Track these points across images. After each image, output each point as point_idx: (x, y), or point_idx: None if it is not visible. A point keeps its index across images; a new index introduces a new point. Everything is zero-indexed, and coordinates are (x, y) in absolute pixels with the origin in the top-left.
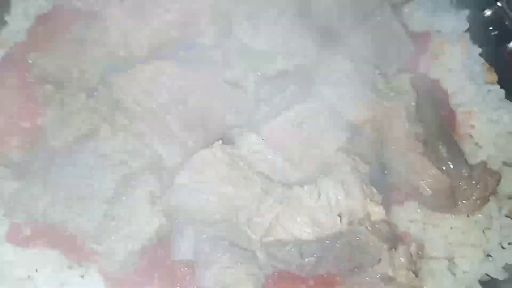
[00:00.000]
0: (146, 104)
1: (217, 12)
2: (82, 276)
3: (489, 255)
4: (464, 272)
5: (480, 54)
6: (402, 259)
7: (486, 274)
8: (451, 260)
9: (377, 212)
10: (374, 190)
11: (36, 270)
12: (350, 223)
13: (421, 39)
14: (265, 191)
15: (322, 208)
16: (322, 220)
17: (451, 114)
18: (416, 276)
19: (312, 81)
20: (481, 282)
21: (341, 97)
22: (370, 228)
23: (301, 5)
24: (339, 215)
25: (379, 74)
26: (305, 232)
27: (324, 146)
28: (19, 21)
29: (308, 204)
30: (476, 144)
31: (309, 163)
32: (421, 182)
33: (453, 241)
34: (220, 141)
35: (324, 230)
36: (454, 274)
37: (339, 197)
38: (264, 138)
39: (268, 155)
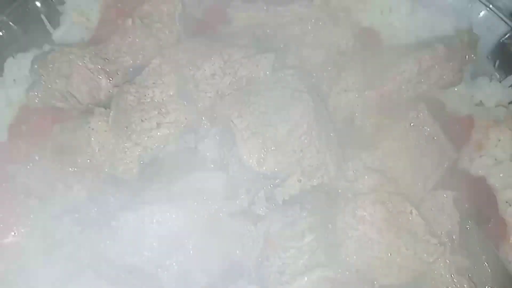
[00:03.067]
0: (133, 260)
1: (218, 119)
2: None
3: None
4: None
5: None
6: None
7: None
8: None
9: None
10: None
11: None
12: None
13: (461, 126)
14: None
15: None
16: None
17: (501, 229)
18: None
19: (334, 228)
20: None
21: (370, 261)
22: None
23: (317, 111)
24: None
25: (417, 215)
26: None
27: None
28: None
29: None
30: None
31: None
32: None
33: None
34: None
35: None
36: None
37: None
38: None
39: None
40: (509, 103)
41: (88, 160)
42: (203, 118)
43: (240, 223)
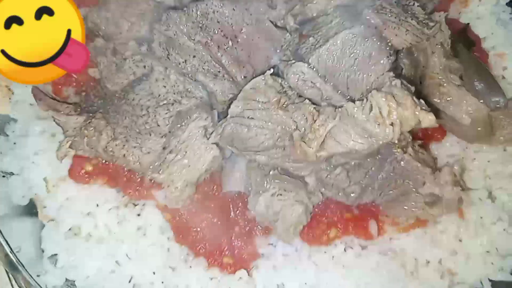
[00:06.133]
0: (199, 38)
1: None
2: (139, 214)
3: None
4: (503, 203)
5: (507, 4)
6: (448, 177)
7: None
8: (490, 191)
9: (429, 119)
10: (423, 102)
11: (97, 205)
12: (402, 132)
13: None
14: (317, 110)
15: (374, 119)
16: (375, 130)
17: (484, 55)
18: (463, 189)
19: (356, 11)
20: None
21: (385, 22)
22: (413, 155)
23: None
24: (392, 124)
25: (418, 6)
26: (359, 143)
27: (372, 70)
28: None
29: (361, 117)
30: (510, 84)
31: (358, 89)
32: (460, 111)
33: (491, 174)
34: (272, 70)
35: (378, 140)
36: (494, 203)
37: (391, 108)
38: (312, 66)
39: (317, 83)
40: None
41: (150, 3)
42: None
43: (279, 30)
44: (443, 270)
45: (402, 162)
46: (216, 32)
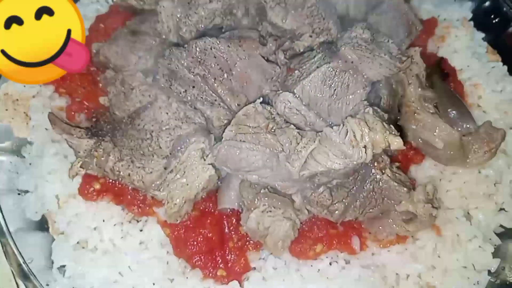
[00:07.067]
0: (198, 71)
1: (251, 3)
2: (141, 230)
3: (502, 209)
4: (479, 221)
5: (483, 39)
6: (421, 196)
7: (501, 225)
8: (466, 210)
9: (396, 142)
10: (392, 127)
11: (103, 221)
12: (374, 154)
13: (428, 24)
14: (300, 134)
15: (349, 142)
16: (350, 152)
17: (460, 86)
18: (434, 207)
19: (336, 47)
20: (496, 234)
21: (360, 57)
22: (390, 176)
23: None
24: (364, 147)
25: (392, 42)
26: (336, 163)
27: (349, 100)
28: None
29: (338, 140)
30: (484, 112)
31: (337, 115)
32: (433, 136)
33: (467, 194)
34: (261, 99)
35: (352, 161)
36: (469, 221)
37: (363, 132)
38: (297, 96)
39: (301, 111)
40: (468, 20)
41: (156, 38)
42: (240, 7)
43: (270, 64)
44: (423, 284)
45: (380, 183)
46: (213, 66)
